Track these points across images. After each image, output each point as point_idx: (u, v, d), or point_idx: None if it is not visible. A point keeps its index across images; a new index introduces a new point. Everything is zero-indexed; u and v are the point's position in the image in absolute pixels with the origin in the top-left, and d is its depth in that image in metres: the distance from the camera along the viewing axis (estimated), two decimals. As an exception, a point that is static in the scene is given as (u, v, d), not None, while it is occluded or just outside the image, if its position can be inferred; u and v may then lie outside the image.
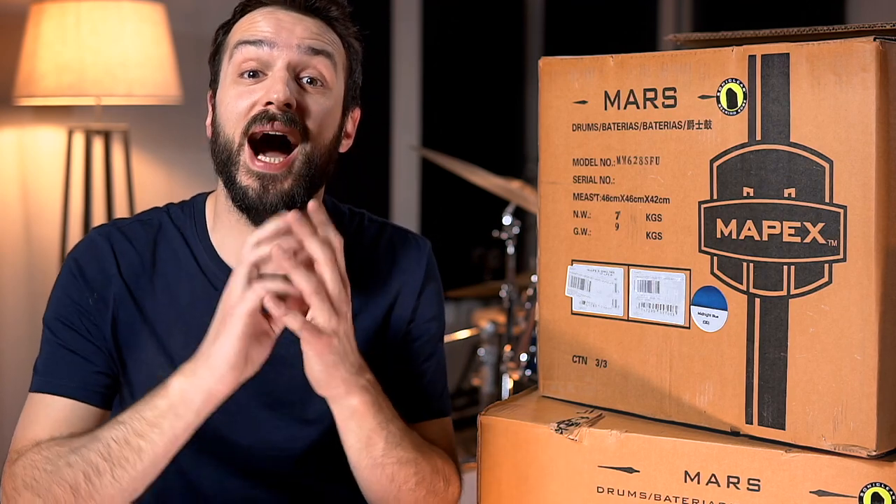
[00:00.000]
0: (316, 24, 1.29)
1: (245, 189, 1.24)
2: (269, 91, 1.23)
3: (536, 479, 1.12)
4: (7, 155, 3.20)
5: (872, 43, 0.95)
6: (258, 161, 1.23)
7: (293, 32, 1.26)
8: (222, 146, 1.26)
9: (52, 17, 2.85)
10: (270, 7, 1.29)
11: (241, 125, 1.24)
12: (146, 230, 1.36)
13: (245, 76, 1.26)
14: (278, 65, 1.25)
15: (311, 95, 1.26)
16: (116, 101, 3.02)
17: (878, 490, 0.97)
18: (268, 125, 1.22)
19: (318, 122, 1.26)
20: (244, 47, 1.26)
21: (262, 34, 1.26)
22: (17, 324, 3.21)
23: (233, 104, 1.25)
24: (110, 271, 1.32)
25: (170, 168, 3.42)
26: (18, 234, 3.23)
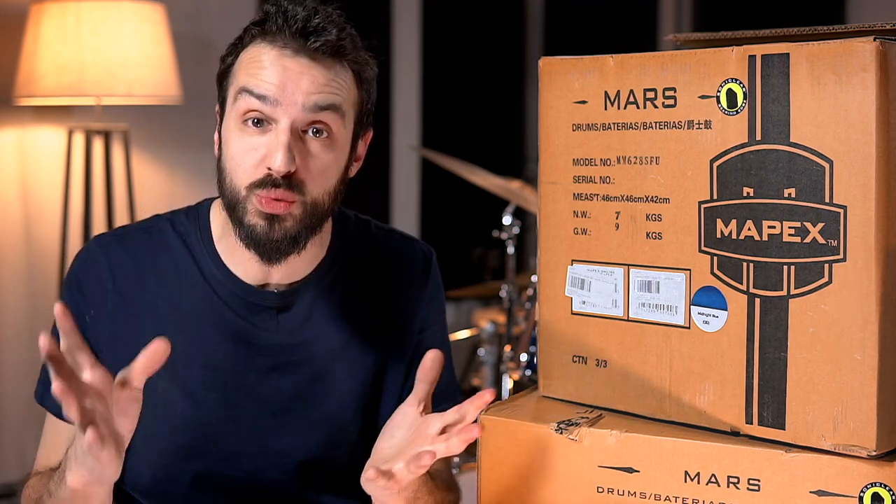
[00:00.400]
0: (324, 72, 1.24)
1: (253, 227, 1.24)
2: (270, 154, 1.22)
3: (536, 479, 1.12)
4: (7, 155, 3.20)
5: (872, 43, 0.95)
6: (266, 204, 1.23)
7: (298, 87, 1.22)
8: (230, 192, 1.26)
9: (52, 17, 2.85)
10: (279, 49, 1.23)
11: (247, 181, 1.24)
12: (146, 238, 1.35)
13: (249, 123, 1.24)
14: (281, 125, 1.22)
15: (315, 150, 1.25)
16: (116, 101, 3.02)
17: (878, 490, 0.97)
18: (271, 190, 1.22)
19: (316, 178, 1.25)
20: (247, 98, 1.23)
21: (266, 89, 1.22)
22: (17, 324, 3.21)
23: (239, 157, 1.25)
24: (107, 285, 1.32)
25: (170, 168, 3.42)
26: (18, 234, 3.23)
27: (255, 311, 1.32)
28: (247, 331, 1.31)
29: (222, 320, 1.32)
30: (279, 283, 1.33)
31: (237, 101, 1.24)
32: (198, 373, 1.30)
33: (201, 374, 1.30)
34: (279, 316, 1.32)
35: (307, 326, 1.33)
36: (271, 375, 1.32)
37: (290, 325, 1.33)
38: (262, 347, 1.32)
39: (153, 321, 1.31)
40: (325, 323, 1.34)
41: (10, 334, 3.20)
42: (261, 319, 1.32)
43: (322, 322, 1.34)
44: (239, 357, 1.31)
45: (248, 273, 1.32)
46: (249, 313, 1.32)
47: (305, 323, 1.33)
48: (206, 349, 1.31)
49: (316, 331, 1.34)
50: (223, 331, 1.31)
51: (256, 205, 1.24)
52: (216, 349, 1.31)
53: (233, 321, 1.32)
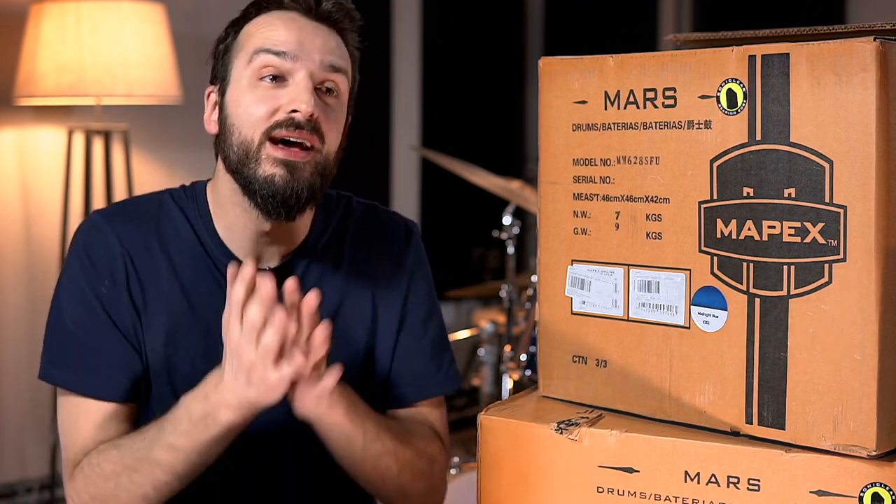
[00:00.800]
0: (333, 38, 1.32)
1: (271, 177, 1.26)
2: (294, 100, 1.26)
3: (536, 479, 1.12)
4: (7, 155, 3.20)
5: (872, 43, 0.95)
6: (282, 149, 1.26)
7: (314, 45, 1.28)
8: (238, 145, 1.28)
9: (53, 17, 2.85)
10: (290, 13, 1.30)
11: (263, 127, 1.26)
12: (148, 208, 1.39)
13: (265, 80, 1.28)
14: (301, 75, 1.27)
15: (328, 105, 1.30)
16: (116, 101, 3.02)
17: (878, 490, 0.97)
18: (293, 132, 1.25)
19: (333, 130, 1.30)
20: (265, 55, 1.27)
21: (285, 45, 1.27)
22: (18, 324, 3.21)
23: (253, 107, 1.27)
24: (115, 252, 1.34)
25: (170, 168, 3.42)
26: (19, 234, 3.23)
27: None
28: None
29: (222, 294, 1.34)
30: (270, 258, 1.37)
31: (252, 62, 1.28)
32: (199, 339, 1.34)
33: (202, 341, 1.33)
34: None
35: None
36: None
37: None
38: None
39: (158, 288, 1.34)
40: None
41: (10, 334, 3.20)
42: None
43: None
44: None
45: (241, 247, 1.35)
46: None
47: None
48: (206, 318, 1.34)
49: None
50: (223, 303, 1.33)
51: (272, 152, 1.26)
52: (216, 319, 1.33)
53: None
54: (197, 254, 1.36)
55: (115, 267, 1.34)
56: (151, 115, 3.30)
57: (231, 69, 1.31)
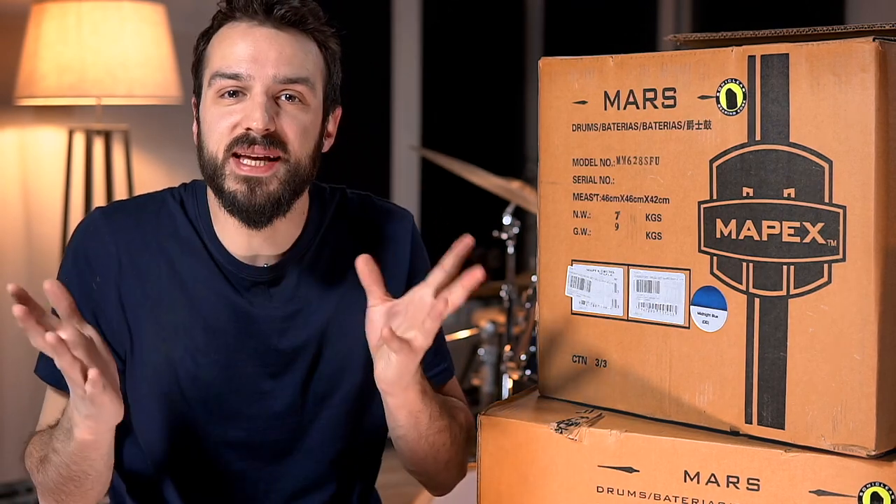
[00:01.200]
0: (292, 43, 1.30)
1: (233, 193, 1.28)
2: (248, 117, 1.27)
3: (536, 479, 1.12)
4: (8, 155, 3.20)
5: (872, 43, 0.95)
6: (244, 165, 1.27)
7: (268, 58, 1.28)
8: (207, 161, 1.31)
9: (53, 18, 2.85)
10: (247, 23, 1.30)
11: (224, 143, 1.28)
12: (149, 206, 1.41)
13: (225, 96, 1.29)
14: (256, 90, 1.27)
15: (289, 113, 1.30)
16: (117, 102, 3.02)
17: (877, 490, 0.97)
18: (250, 148, 1.27)
19: (297, 137, 1.30)
20: (221, 80, 1.29)
21: (238, 65, 1.28)
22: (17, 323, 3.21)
23: (215, 123, 1.29)
24: (111, 250, 1.36)
25: (170, 168, 3.43)
26: (19, 234, 3.23)
27: (248, 287, 1.36)
28: (242, 305, 1.36)
29: (222, 290, 1.36)
30: (267, 256, 1.37)
31: (212, 84, 1.30)
32: (199, 335, 1.35)
33: (203, 336, 1.35)
34: (271, 290, 1.37)
35: (299, 296, 1.38)
36: (270, 341, 1.36)
37: (282, 297, 1.37)
38: (259, 320, 1.36)
39: (157, 284, 1.36)
40: (315, 290, 1.38)
41: (10, 334, 3.20)
42: (253, 294, 1.36)
43: (313, 289, 1.38)
44: (238, 326, 1.36)
45: (237, 246, 1.36)
46: (243, 288, 1.36)
47: (296, 293, 1.38)
48: (206, 313, 1.35)
49: (308, 298, 1.38)
50: (222, 300, 1.36)
51: (234, 168, 1.28)
52: (217, 315, 1.35)
53: (230, 294, 1.36)
54: (197, 252, 1.37)
55: (109, 264, 1.35)
56: (152, 115, 3.30)
57: (202, 85, 1.34)
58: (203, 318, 1.35)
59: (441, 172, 3.42)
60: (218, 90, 1.29)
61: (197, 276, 1.36)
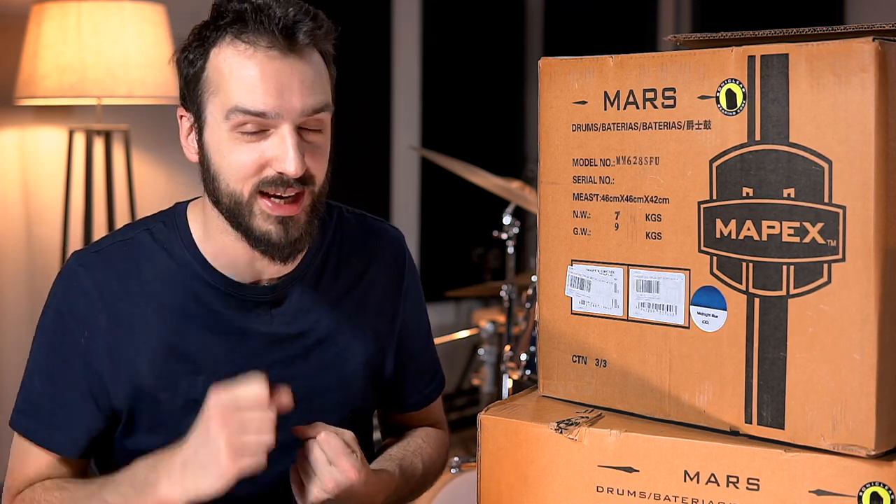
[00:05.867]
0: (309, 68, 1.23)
1: (267, 233, 1.25)
2: (281, 160, 1.21)
3: (536, 479, 1.12)
4: (8, 155, 3.20)
5: (871, 43, 0.95)
6: (276, 205, 1.24)
7: (293, 91, 1.21)
8: (228, 196, 1.25)
9: (54, 18, 2.85)
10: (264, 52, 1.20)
11: (252, 182, 1.23)
12: (127, 251, 1.34)
13: (246, 134, 1.22)
14: (284, 130, 1.21)
15: (314, 145, 1.26)
16: (117, 102, 3.02)
17: (877, 489, 0.97)
18: (283, 189, 1.23)
19: (321, 165, 1.27)
20: (243, 116, 1.21)
21: (264, 104, 1.20)
22: (18, 323, 3.21)
23: (238, 161, 1.23)
24: (96, 303, 1.31)
25: (170, 168, 3.43)
26: (20, 234, 3.23)
27: (249, 308, 1.33)
28: (243, 328, 1.33)
29: (217, 322, 1.32)
30: (271, 278, 1.34)
31: (230, 119, 1.22)
32: (200, 383, 1.29)
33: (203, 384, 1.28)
34: (273, 310, 1.34)
35: (300, 316, 1.36)
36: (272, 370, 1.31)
37: (284, 318, 1.35)
38: (260, 343, 1.33)
39: (145, 334, 1.31)
40: (316, 310, 1.37)
41: (10, 334, 3.20)
42: (255, 315, 1.33)
43: (314, 310, 1.37)
44: (239, 357, 1.32)
45: (239, 272, 1.32)
46: (244, 311, 1.33)
47: (298, 313, 1.36)
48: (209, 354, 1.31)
49: (309, 319, 1.36)
50: (219, 332, 1.32)
51: (266, 209, 1.24)
52: (218, 351, 1.32)
53: (229, 321, 1.32)
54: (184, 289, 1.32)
55: (95, 319, 1.30)
56: (152, 115, 3.30)
57: (205, 108, 1.24)
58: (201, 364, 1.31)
59: (441, 172, 3.42)
60: (237, 125, 1.22)
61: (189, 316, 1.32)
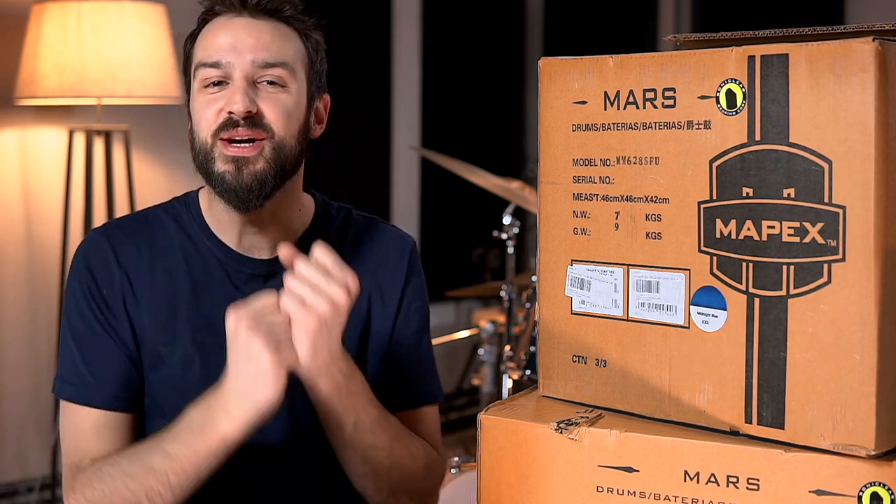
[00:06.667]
0: (270, 30, 1.36)
1: (222, 174, 1.33)
2: (229, 101, 1.33)
3: (536, 479, 1.12)
4: (8, 155, 3.20)
5: (871, 43, 0.95)
6: (231, 147, 1.33)
7: (246, 44, 1.34)
8: (199, 148, 1.36)
9: (54, 18, 2.85)
10: (226, 16, 1.36)
11: (212, 129, 1.34)
12: (142, 223, 1.44)
13: (209, 86, 1.35)
14: (236, 76, 1.34)
15: (271, 95, 1.35)
16: (117, 102, 3.02)
17: (877, 489, 0.97)
18: (234, 130, 1.32)
19: (280, 118, 1.35)
20: (204, 69, 1.35)
21: (218, 54, 1.34)
22: (18, 323, 3.22)
23: (202, 112, 1.35)
24: (112, 264, 1.39)
25: (170, 168, 3.43)
26: (20, 234, 3.23)
27: (244, 280, 1.40)
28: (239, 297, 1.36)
29: (221, 288, 1.40)
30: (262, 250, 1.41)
31: (197, 76, 1.36)
32: (204, 336, 1.38)
33: (209, 337, 1.38)
34: (266, 283, 1.40)
35: None
36: None
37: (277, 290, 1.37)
38: None
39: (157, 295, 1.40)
40: None
41: (10, 334, 3.20)
42: (249, 287, 1.39)
43: None
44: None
45: (234, 239, 1.40)
46: (240, 281, 1.40)
47: None
48: (210, 315, 1.38)
49: None
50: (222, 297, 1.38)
51: (222, 150, 1.33)
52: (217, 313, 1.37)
53: (228, 289, 1.40)
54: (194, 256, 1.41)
55: (113, 280, 1.39)
56: (152, 115, 3.30)
57: (191, 81, 1.39)
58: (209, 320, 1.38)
59: (441, 172, 3.42)
60: (202, 80, 1.35)
61: (196, 281, 1.40)
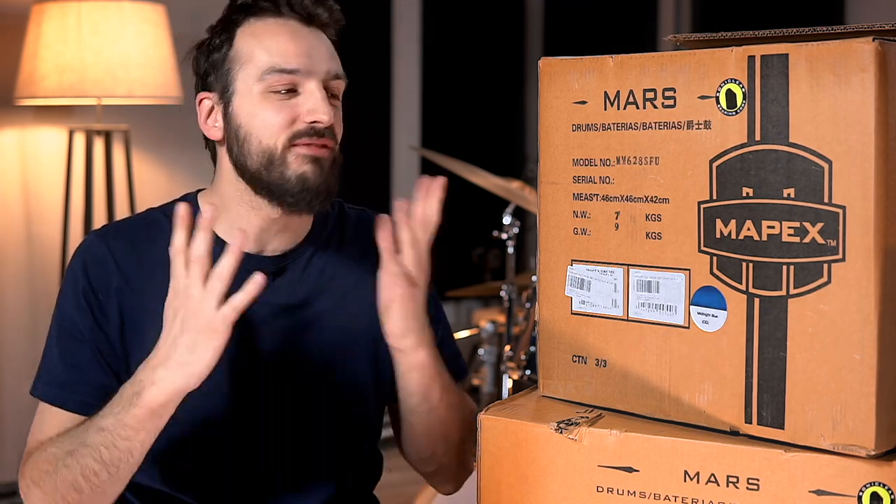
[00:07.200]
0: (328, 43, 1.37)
1: (304, 174, 1.32)
2: (314, 111, 1.32)
3: (536, 479, 1.12)
4: (8, 155, 3.20)
5: (871, 43, 0.95)
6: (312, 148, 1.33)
7: (320, 56, 1.34)
8: (259, 153, 1.33)
9: (54, 18, 2.85)
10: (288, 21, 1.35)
11: (284, 135, 1.32)
12: (142, 227, 1.41)
13: (280, 92, 1.33)
14: (313, 86, 1.33)
15: (335, 109, 1.36)
16: (117, 102, 3.02)
17: (876, 489, 0.97)
18: (316, 139, 1.32)
19: (340, 129, 1.38)
20: (279, 75, 1.32)
21: (297, 61, 1.32)
22: (18, 323, 3.22)
23: (270, 118, 1.32)
24: (110, 268, 1.37)
25: (170, 168, 3.43)
26: (20, 234, 3.23)
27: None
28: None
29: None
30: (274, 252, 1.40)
31: (264, 79, 1.32)
32: None
33: None
34: (276, 280, 1.38)
35: (300, 289, 1.40)
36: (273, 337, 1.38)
37: (285, 288, 1.39)
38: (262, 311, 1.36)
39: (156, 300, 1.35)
40: (318, 283, 1.41)
41: (10, 334, 3.20)
42: None
43: (316, 282, 1.41)
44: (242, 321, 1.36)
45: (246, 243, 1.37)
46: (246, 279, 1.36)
47: (298, 286, 1.40)
48: None
49: (310, 292, 1.41)
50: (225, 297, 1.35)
51: (302, 152, 1.32)
52: None
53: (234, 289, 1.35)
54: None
55: (109, 283, 1.36)
56: (152, 115, 3.30)
57: (235, 81, 1.35)
58: None
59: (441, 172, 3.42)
60: (270, 86, 1.32)
61: None
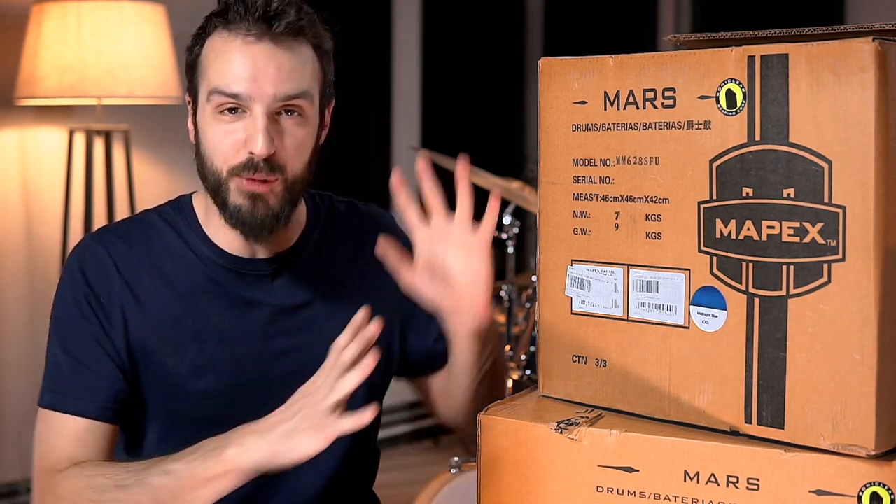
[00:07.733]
0: (290, 56, 1.29)
1: (238, 207, 1.31)
2: (250, 139, 1.28)
3: (536, 479, 1.12)
4: (8, 155, 3.20)
5: (871, 43, 0.95)
6: (248, 183, 1.30)
7: (267, 77, 1.27)
8: (211, 174, 1.33)
9: (54, 18, 2.85)
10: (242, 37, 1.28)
11: (227, 165, 1.30)
12: (138, 229, 1.41)
13: (224, 113, 1.30)
14: (256, 111, 1.28)
15: (289, 127, 1.31)
16: (117, 102, 3.02)
17: (876, 489, 0.97)
18: (252, 173, 1.29)
19: (295, 154, 1.32)
20: (219, 97, 1.29)
21: (238, 84, 1.28)
22: (18, 323, 3.22)
23: (217, 141, 1.31)
24: (110, 272, 1.36)
25: (170, 168, 3.43)
26: (20, 234, 3.23)
27: (251, 282, 1.39)
28: (247, 299, 1.38)
29: (223, 294, 1.38)
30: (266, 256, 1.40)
31: (210, 100, 1.30)
32: (213, 346, 1.36)
33: (215, 347, 1.36)
34: (274, 282, 1.39)
35: (300, 290, 1.40)
36: (276, 339, 1.38)
37: (284, 290, 1.40)
38: (264, 313, 1.38)
39: (154, 304, 1.36)
40: (316, 283, 1.41)
41: (10, 334, 3.20)
42: (257, 287, 1.39)
43: (314, 282, 1.41)
44: (244, 325, 1.37)
45: (234, 246, 1.39)
46: (246, 283, 1.38)
47: (298, 287, 1.40)
48: (214, 322, 1.37)
49: (309, 293, 1.41)
50: (225, 303, 1.37)
51: (239, 185, 1.30)
52: (223, 320, 1.37)
53: (233, 292, 1.38)
54: (191, 264, 1.39)
55: (110, 285, 1.35)
56: (152, 115, 3.30)
57: (198, 92, 1.34)
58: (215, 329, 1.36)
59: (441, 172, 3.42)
60: (216, 106, 1.30)
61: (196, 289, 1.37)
